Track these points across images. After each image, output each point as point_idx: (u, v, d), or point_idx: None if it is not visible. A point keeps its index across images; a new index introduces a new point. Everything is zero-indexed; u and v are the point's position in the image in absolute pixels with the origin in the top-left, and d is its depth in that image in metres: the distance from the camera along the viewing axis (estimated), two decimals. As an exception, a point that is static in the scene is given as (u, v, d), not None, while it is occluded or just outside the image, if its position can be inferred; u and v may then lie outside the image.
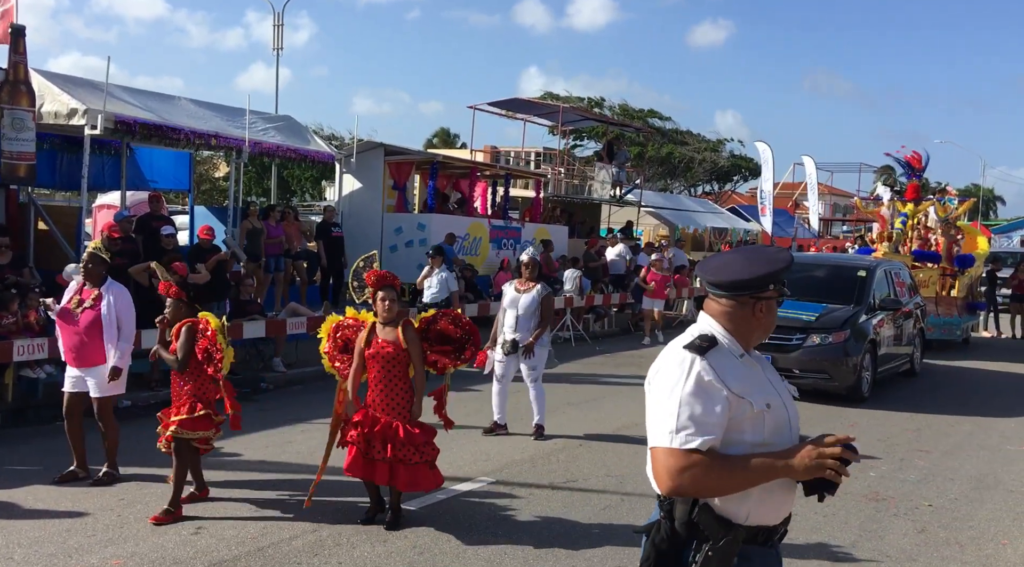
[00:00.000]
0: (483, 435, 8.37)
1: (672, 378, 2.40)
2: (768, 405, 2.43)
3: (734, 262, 2.60)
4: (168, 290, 6.04)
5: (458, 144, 51.76)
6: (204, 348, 5.87)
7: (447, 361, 5.97)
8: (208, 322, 5.95)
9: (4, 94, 10.04)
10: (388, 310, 5.78)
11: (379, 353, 5.76)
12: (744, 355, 2.53)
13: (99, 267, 6.54)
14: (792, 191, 39.22)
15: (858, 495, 6.96)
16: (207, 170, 32.55)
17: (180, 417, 5.87)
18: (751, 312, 2.55)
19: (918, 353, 13.18)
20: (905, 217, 17.75)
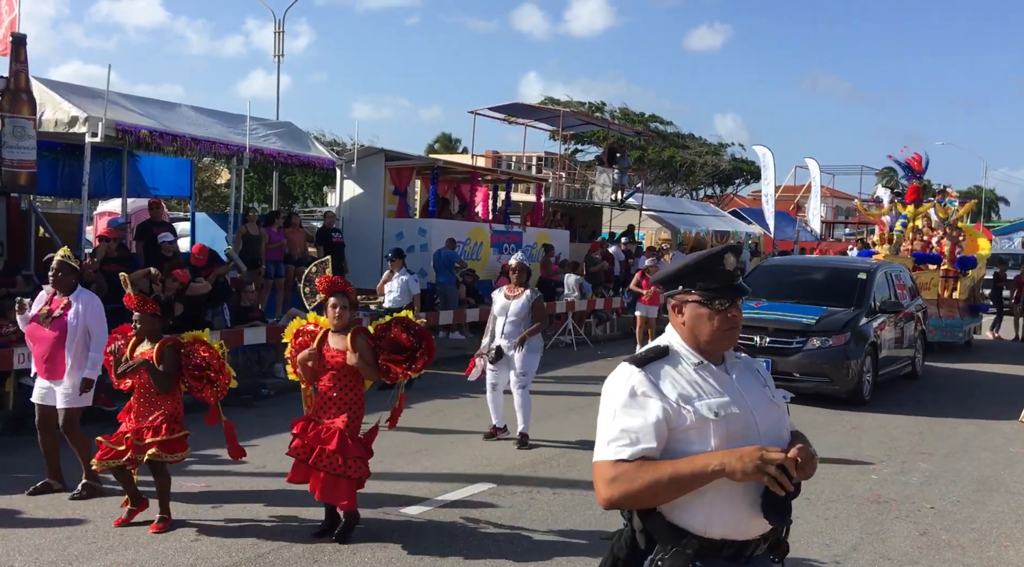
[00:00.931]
0: (484, 440, 8.35)
1: (610, 391, 2.40)
2: (718, 414, 2.34)
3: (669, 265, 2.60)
4: (142, 305, 5.78)
5: (459, 149, 51.81)
6: (198, 367, 5.72)
7: (399, 370, 5.72)
8: (204, 343, 5.81)
9: (5, 102, 10.07)
10: (339, 317, 5.60)
11: (329, 362, 5.60)
12: (703, 363, 2.45)
13: (68, 275, 6.37)
14: (793, 194, 39.21)
15: (860, 497, 6.95)
16: (209, 177, 32.56)
17: (160, 439, 5.65)
18: (677, 318, 2.50)
19: (920, 356, 13.15)
20: (905, 219, 17.75)
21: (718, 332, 2.44)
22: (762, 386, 2.54)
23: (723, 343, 2.47)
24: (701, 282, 2.45)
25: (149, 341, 5.77)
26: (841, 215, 53.81)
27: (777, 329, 10.68)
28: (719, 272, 2.47)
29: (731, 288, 2.46)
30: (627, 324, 18.01)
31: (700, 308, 2.44)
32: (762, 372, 2.61)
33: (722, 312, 2.44)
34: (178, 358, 5.75)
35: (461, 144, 55.79)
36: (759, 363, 2.66)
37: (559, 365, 13.20)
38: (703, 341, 2.45)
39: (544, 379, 11.96)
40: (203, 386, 5.77)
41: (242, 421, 9.11)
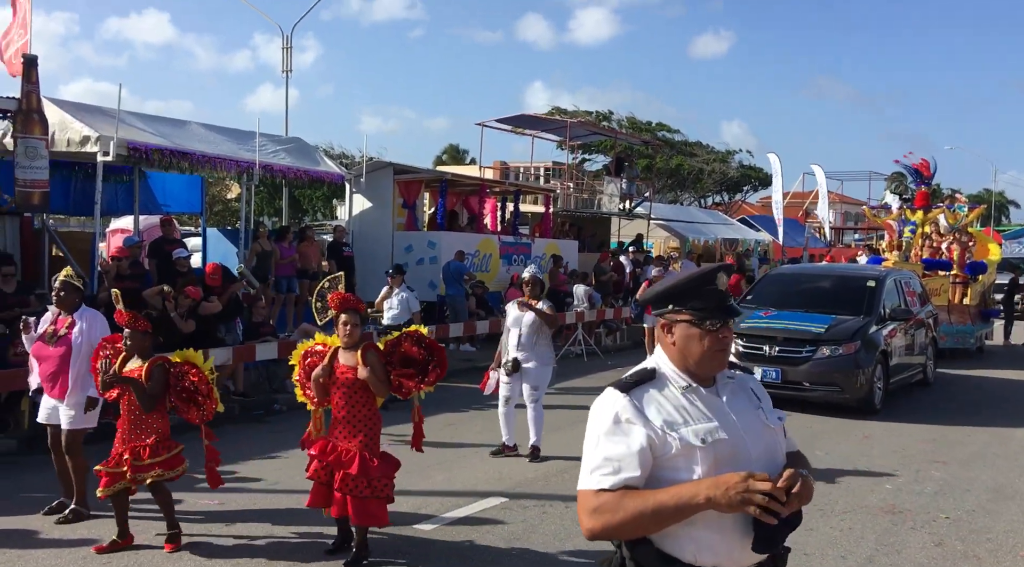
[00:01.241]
0: (491, 456, 8.32)
1: (594, 417, 2.34)
2: (704, 440, 2.27)
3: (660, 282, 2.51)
4: (134, 321, 5.71)
5: (467, 160, 51.96)
6: (186, 390, 5.69)
7: (411, 384, 5.67)
8: (195, 366, 5.75)
9: (18, 123, 10.16)
10: (349, 334, 5.56)
11: (339, 379, 5.55)
12: (692, 386, 2.38)
13: (72, 295, 6.40)
14: (802, 200, 39.12)
15: (874, 508, 6.93)
16: (219, 192, 32.76)
17: (159, 459, 5.65)
18: (667, 338, 2.42)
19: (931, 363, 13.09)
20: (914, 225, 17.69)
21: (709, 353, 2.37)
22: (755, 408, 2.45)
23: (714, 365, 2.40)
24: (692, 301, 2.39)
25: (139, 358, 5.73)
26: (850, 220, 53.67)
27: (786, 338, 10.66)
28: (711, 292, 2.41)
29: (723, 308, 2.40)
30: (637, 334, 17.98)
31: (691, 328, 2.38)
32: (757, 391, 2.53)
33: (713, 333, 2.37)
34: (166, 378, 5.72)
35: (469, 155, 55.97)
36: (753, 381, 2.58)
37: (570, 376, 13.20)
38: (692, 362, 2.38)
39: (555, 391, 11.96)
40: (189, 408, 5.75)
41: (254, 437, 9.18)
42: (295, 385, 6.09)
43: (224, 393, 10.38)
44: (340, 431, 5.55)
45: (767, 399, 2.53)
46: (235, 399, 10.48)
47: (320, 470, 5.54)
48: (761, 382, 9.83)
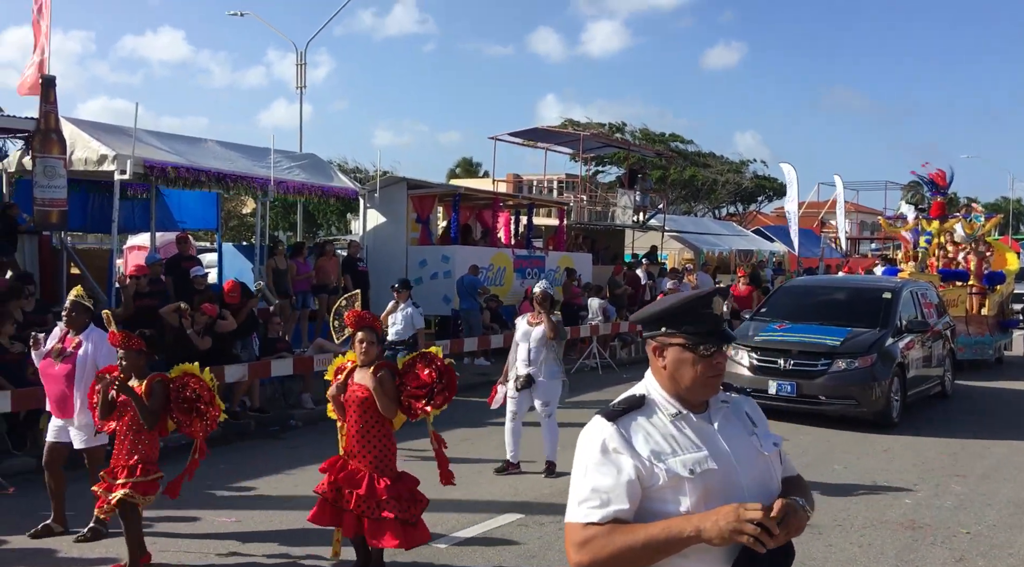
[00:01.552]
0: (495, 474, 8.25)
1: (582, 447, 2.28)
2: (693, 471, 2.20)
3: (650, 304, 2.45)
4: (127, 341, 5.61)
5: (480, 173, 52.09)
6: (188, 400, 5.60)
7: (419, 405, 5.60)
8: (195, 375, 5.67)
9: (36, 143, 10.30)
10: (365, 352, 5.54)
11: (352, 396, 5.53)
12: (682, 413, 2.31)
13: (82, 315, 6.41)
14: (817, 210, 38.98)
15: (894, 523, 6.87)
16: (234, 207, 32.99)
17: (134, 479, 5.50)
18: (658, 361, 2.35)
19: (949, 374, 12.96)
20: (930, 236, 17.55)
21: (701, 379, 2.30)
22: (749, 434, 2.37)
23: (705, 391, 2.33)
24: (687, 325, 2.31)
25: (136, 378, 5.65)
26: (866, 230, 53.41)
27: (802, 351, 10.58)
28: (706, 315, 2.33)
29: (718, 333, 2.33)
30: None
31: (684, 353, 2.30)
32: (752, 415, 2.46)
33: (707, 358, 2.30)
34: (166, 394, 5.64)
35: (482, 168, 56.11)
36: (750, 404, 2.50)
37: (585, 390, 13.17)
38: (684, 388, 2.32)
39: (569, 405, 11.93)
40: (192, 420, 5.65)
41: (270, 453, 9.20)
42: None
43: (240, 409, 10.46)
44: (353, 449, 5.54)
45: (764, 423, 2.47)
46: (251, 415, 10.52)
47: (328, 487, 5.52)
48: (776, 396, 9.71)
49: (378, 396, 5.43)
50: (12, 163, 12.09)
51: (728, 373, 10.58)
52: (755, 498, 2.22)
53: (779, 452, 2.41)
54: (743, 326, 11.91)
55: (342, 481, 5.46)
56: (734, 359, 10.82)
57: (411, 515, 5.43)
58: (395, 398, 5.58)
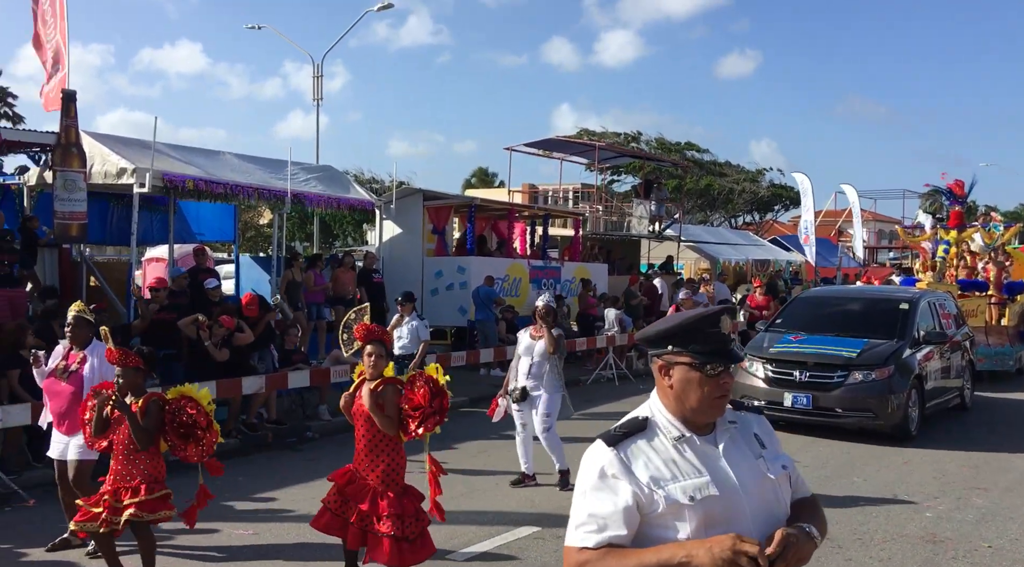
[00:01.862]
0: (511, 487, 8.20)
1: (583, 471, 2.27)
2: (693, 498, 2.18)
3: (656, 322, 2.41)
4: (125, 359, 5.49)
5: (496, 183, 52.21)
6: (184, 425, 5.44)
7: (413, 426, 5.50)
8: (191, 399, 5.51)
9: (57, 157, 10.41)
10: (374, 366, 5.50)
11: (359, 410, 5.49)
12: (684, 437, 2.28)
13: (84, 330, 6.33)
14: (835, 219, 38.78)
15: (914, 537, 6.80)
16: (251, 217, 33.21)
17: (138, 499, 5.36)
18: (663, 381, 2.32)
19: (968, 386, 12.77)
20: (948, 245, 17.39)
21: (708, 399, 2.27)
22: (755, 457, 2.33)
23: (712, 412, 2.29)
24: (693, 343, 2.27)
25: (133, 396, 5.52)
26: (884, 239, 53.09)
27: (817, 363, 10.45)
28: (714, 335, 2.29)
29: (725, 353, 2.28)
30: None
31: (690, 372, 2.27)
32: (762, 437, 2.40)
33: (714, 378, 2.26)
34: (162, 414, 5.49)
35: (498, 178, 56.21)
36: (760, 424, 2.44)
37: (601, 401, 13.15)
38: (690, 408, 2.28)
39: (586, 416, 11.93)
40: (187, 445, 5.49)
41: (288, 464, 9.22)
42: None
43: (258, 420, 10.50)
44: (362, 462, 5.50)
45: (774, 444, 2.42)
46: (268, 426, 10.56)
47: (333, 500, 5.48)
48: (792, 409, 9.59)
49: (374, 413, 5.37)
50: (33, 177, 12.22)
51: (743, 385, 10.62)
52: (760, 523, 2.20)
53: (788, 475, 2.37)
54: (758, 337, 11.82)
55: (349, 493, 5.43)
56: (749, 371, 10.72)
57: (410, 532, 5.34)
58: (395, 415, 5.49)
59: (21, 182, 12.58)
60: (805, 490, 2.45)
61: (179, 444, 5.50)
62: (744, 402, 2.50)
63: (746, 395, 10.35)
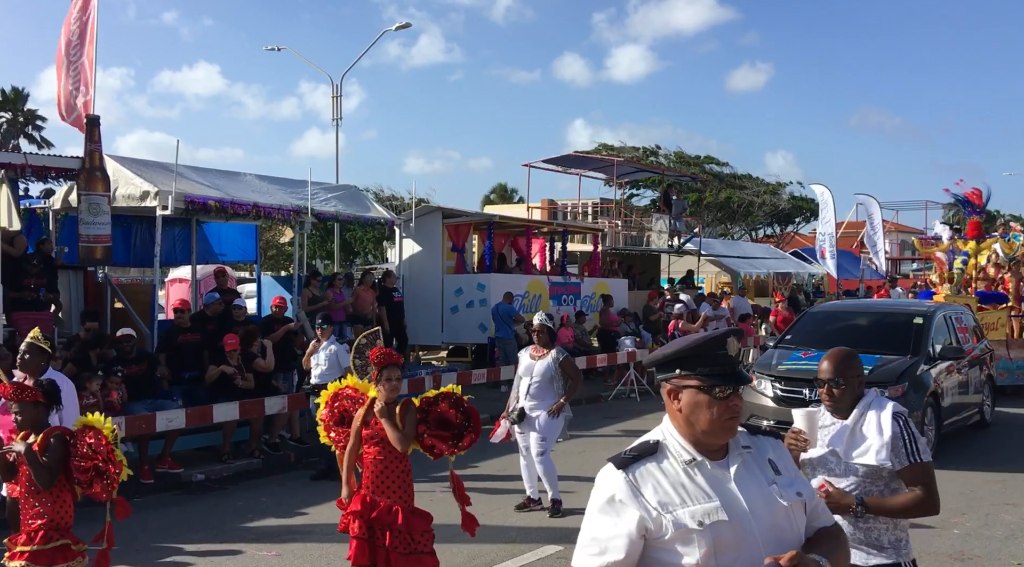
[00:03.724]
0: (515, 511, 8.04)
1: (593, 492, 2.30)
2: (702, 523, 2.18)
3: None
4: (19, 393, 4.98)
5: (515, 199, 52.31)
6: (84, 456, 4.83)
7: (444, 447, 5.54)
8: (93, 428, 4.93)
9: (81, 181, 10.55)
10: (392, 390, 5.43)
11: (377, 435, 5.44)
12: (696, 460, 2.27)
13: (37, 358, 6.11)
14: (857, 230, 38.48)
15: (942, 554, 6.72)
16: (272, 236, 33.45)
17: (31, 548, 4.79)
18: (673, 405, 2.32)
19: (988, 402, 12.32)
20: (966, 256, 17.05)
21: (718, 422, 2.26)
22: (768, 483, 2.30)
23: (722, 434, 2.29)
24: (701, 366, 2.28)
25: (35, 433, 4.97)
26: (907, 250, 52.63)
27: None
28: (720, 357, 2.30)
29: (733, 375, 2.29)
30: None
31: (699, 395, 2.27)
32: (777, 462, 2.38)
33: (723, 401, 2.26)
34: (64, 450, 4.90)
35: (517, 194, 56.32)
36: (776, 449, 2.42)
37: (623, 417, 13.11)
38: (700, 430, 2.28)
39: (608, 433, 11.90)
40: (92, 479, 4.87)
41: (310, 484, 9.24)
42: (319, 425, 6.05)
43: (280, 440, 10.56)
44: (376, 486, 5.44)
45: (790, 470, 2.40)
46: (291, 445, 10.61)
47: (361, 526, 5.42)
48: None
49: (389, 429, 5.35)
50: (58, 200, 12.40)
51: (752, 404, 10.42)
52: (771, 550, 2.19)
53: (803, 502, 2.34)
54: (766, 354, 11.40)
55: (375, 521, 5.39)
56: (757, 389, 10.38)
57: (415, 547, 5.36)
58: (411, 434, 5.47)
59: (47, 206, 12.76)
60: (826, 519, 2.41)
61: (85, 481, 4.88)
62: (761, 427, 2.49)
63: (755, 414, 10.06)
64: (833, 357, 3.63)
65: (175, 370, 10.51)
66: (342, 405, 5.82)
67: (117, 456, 4.88)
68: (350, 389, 5.85)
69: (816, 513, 2.39)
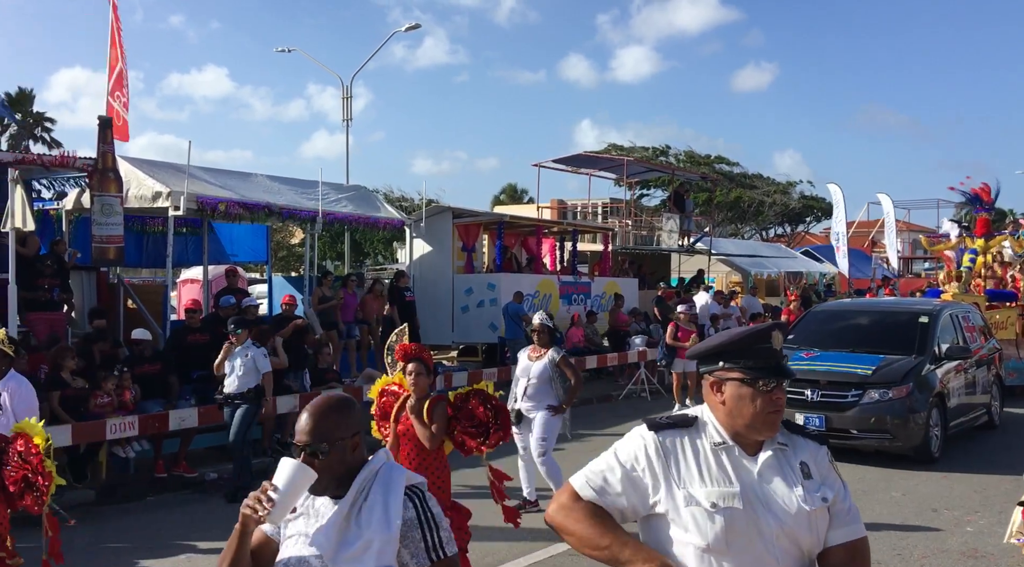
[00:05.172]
0: None
1: (625, 439, 2.37)
2: (715, 504, 2.19)
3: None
4: None
5: (525, 199, 52.34)
6: (15, 465, 4.55)
7: (473, 444, 5.59)
8: (25, 436, 4.63)
9: (94, 182, 10.63)
10: (415, 384, 5.49)
11: (409, 430, 5.50)
12: (727, 444, 2.28)
13: (0, 362, 5.98)
14: (868, 230, 38.36)
15: (955, 552, 6.70)
16: (283, 237, 33.55)
17: None
18: (715, 397, 2.32)
19: (996, 403, 12.09)
20: (975, 253, 16.87)
21: (761, 415, 2.25)
22: (794, 484, 2.28)
23: (765, 429, 2.28)
24: (745, 359, 2.28)
25: None
26: (919, 249, 52.38)
27: (831, 382, 9.80)
28: (765, 350, 2.29)
29: (777, 368, 2.29)
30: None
31: (742, 388, 2.26)
32: (812, 466, 2.33)
33: (767, 394, 2.25)
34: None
35: (527, 194, 56.35)
36: (813, 454, 2.36)
37: (633, 416, 13.05)
38: (743, 424, 2.27)
39: (618, 433, 11.83)
40: (23, 492, 4.57)
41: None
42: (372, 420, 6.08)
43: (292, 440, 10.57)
44: None
45: (823, 474, 2.34)
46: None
47: None
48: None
49: (418, 427, 5.40)
50: (70, 202, 12.48)
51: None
52: (781, 550, 2.21)
53: (827, 507, 2.29)
54: None
55: None
56: None
57: (465, 546, 5.40)
58: (442, 429, 5.51)
59: (59, 207, 12.84)
60: (853, 531, 2.33)
61: (16, 492, 4.57)
62: (806, 427, 2.50)
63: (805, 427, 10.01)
64: (314, 411, 2.40)
65: (185, 370, 10.56)
66: (388, 401, 5.83)
67: (47, 466, 4.54)
68: (396, 384, 5.84)
69: (840, 520, 2.32)
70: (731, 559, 2.19)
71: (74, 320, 11.52)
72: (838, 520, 2.32)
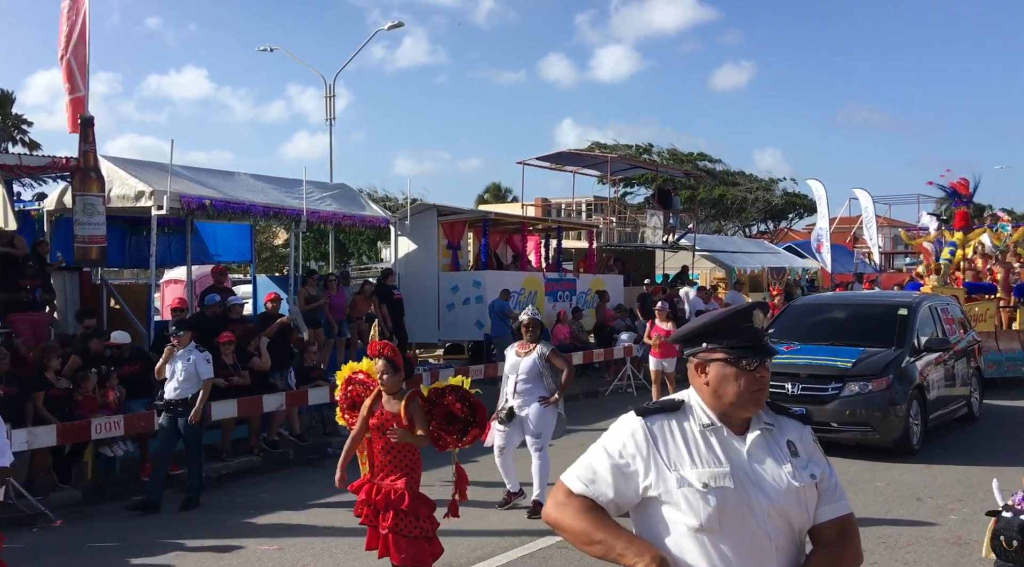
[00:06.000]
0: (499, 508, 7.84)
1: (612, 428, 2.38)
2: (707, 485, 2.22)
3: None
4: None
5: (509, 198, 52.33)
6: None
7: (450, 440, 5.55)
8: None
9: (76, 181, 10.56)
10: (384, 382, 5.44)
11: (384, 425, 5.43)
12: (715, 425, 2.31)
13: None
14: (849, 226, 38.61)
15: (939, 539, 6.77)
16: (267, 238, 33.41)
17: None
18: (700, 379, 2.35)
19: (976, 394, 12.16)
20: (953, 246, 16.97)
21: (745, 393, 2.28)
22: (782, 462, 2.31)
23: (750, 406, 2.31)
24: (727, 339, 2.31)
25: None
26: (901, 244, 52.78)
27: (810, 375, 9.78)
28: (747, 330, 2.32)
29: (759, 347, 2.31)
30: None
31: (726, 367, 2.29)
32: (798, 444, 2.38)
33: (750, 373, 2.28)
34: None
35: (511, 193, 56.34)
36: (798, 432, 2.42)
37: (620, 412, 12.89)
38: (728, 403, 2.30)
39: (605, 428, 11.87)
40: None
41: (310, 480, 9.26)
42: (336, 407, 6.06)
43: (280, 437, 10.56)
44: (384, 473, 5.45)
45: (809, 452, 2.39)
46: (291, 441, 10.62)
47: (368, 512, 5.45)
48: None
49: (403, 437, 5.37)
50: (52, 202, 12.38)
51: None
52: (773, 527, 2.25)
53: (815, 484, 2.34)
54: None
55: (381, 503, 5.39)
56: None
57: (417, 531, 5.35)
58: (425, 427, 5.45)
59: (40, 208, 12.75)
60: (842, 507, 2.38)
61: None
62: (789, 408, 2.50)
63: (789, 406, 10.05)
64: None
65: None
66: (354, 390, 5.80)
67: None
68: (363, 374, 5.80)
69: (828, 497, 2.36)
70: (725, 538, 2.22)
71: (56, 321, 11.44)
72: (826, 497, 2.36)
